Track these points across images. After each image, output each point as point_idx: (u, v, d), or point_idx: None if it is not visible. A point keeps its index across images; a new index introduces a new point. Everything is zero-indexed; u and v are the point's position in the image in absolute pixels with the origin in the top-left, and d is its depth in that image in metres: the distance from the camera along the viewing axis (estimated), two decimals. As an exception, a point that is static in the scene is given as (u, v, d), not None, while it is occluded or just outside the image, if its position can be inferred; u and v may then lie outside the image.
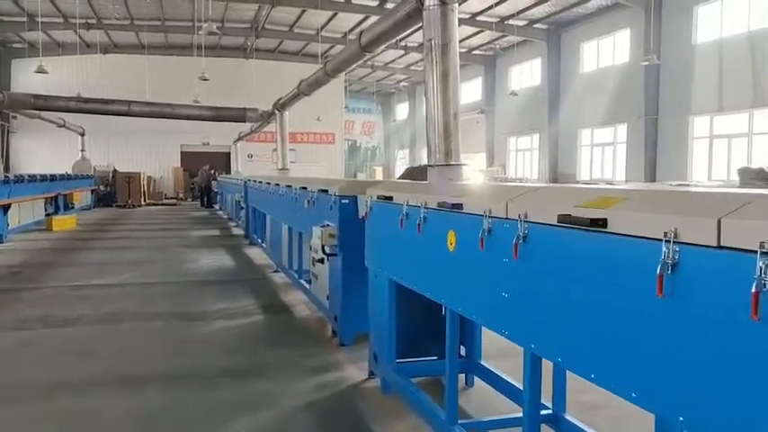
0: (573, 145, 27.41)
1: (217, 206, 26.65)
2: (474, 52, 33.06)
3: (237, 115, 18.39)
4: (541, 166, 29.19)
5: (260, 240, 11.98)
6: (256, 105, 20.79)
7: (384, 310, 4.35)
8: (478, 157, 33.73)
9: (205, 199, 27.96)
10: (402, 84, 43.18)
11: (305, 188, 7.06)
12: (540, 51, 28.67)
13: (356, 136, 46.48)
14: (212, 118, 18.43)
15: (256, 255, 11.72)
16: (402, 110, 46.32)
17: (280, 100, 13.52)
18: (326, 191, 5.95)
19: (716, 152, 20.57)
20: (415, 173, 23.28)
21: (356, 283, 5.51)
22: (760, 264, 1.52)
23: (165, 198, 31.56)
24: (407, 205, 3.80)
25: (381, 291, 4.40)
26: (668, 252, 1.80)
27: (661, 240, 1.83)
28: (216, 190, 27.43)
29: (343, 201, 5.50)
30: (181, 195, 32.50)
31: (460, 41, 31.47)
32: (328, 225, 5.62)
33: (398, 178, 23.30)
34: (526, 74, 30.84)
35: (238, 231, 15.94)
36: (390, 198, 4.10)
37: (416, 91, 43.19)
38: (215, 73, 26.75)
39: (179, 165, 34.22)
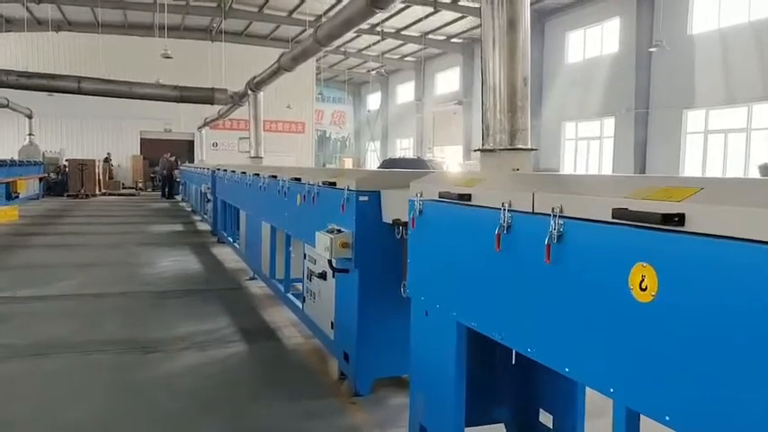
0: (556, 139, 26.32)
1: (179, 197, 24.71)
2: (453, 40, 31.70)
3: (204, 96, 16.54)
4: (522, 159, 27.98)
5: (231, 239, 10.33)
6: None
7: (445, 367, 2.86)
8: (455, 150, 32.44)
9: (166, 189, 25.96)
10: (374, 72, 41.55)
11: (297, 179, 5.50)
12: (522, 40, 27.38)
13: (326, 126, 44.76)
14: (176, 99, 16.55)
15: (227, 256, 10.09)
16: (374, 100, 44.78)
17: (254, 78, 11.88)
18: (334, 183, 4.41)
19: (711, 148, 19.66)
20: (395, 166, 21.89)
21: (378, 312, 4.05)
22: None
23: (123, 188, 29.36)
24: (508, 211, 2.32)
25: (440, 338, 2.91)
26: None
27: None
28: (178, 180, 25.48)
29: (361, 198, 3.99)
30: (140, 185, 30.31)
31: (438, 29, 30.32)
32: (340, 231, 4.09)
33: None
34: (507, 64, 29.50)
35: (204, 227, 14.22)
36: (467, 197, 2.61)
37: (389, 80, 41.73)
38: (178, 56, 24.68)
39: (138, 152, 31.99)
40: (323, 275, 4.79)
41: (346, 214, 4.11)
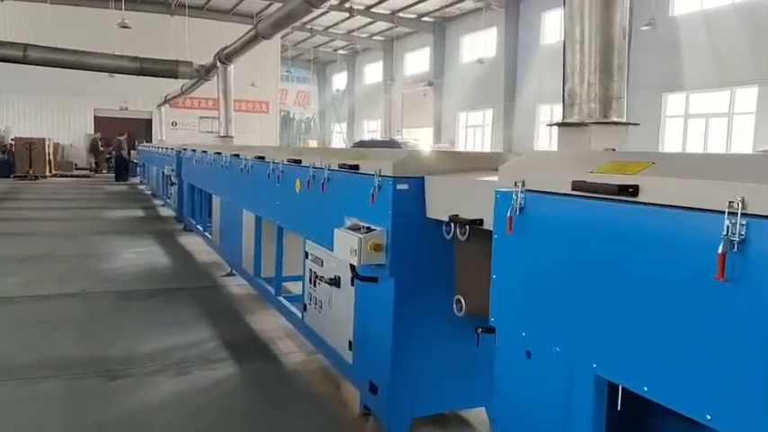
0: (530, 122, 25.73)
1: (137, 179, 23.22)
2: (423, 19, 30.70)
3: (167, 69, 15.16)
4: (494, 143, 27.40)
5: (201, 227, 9.24)
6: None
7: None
8: (425, 133, 31.59)
9: (123, 171, 24.39)
10: (341, 52, 40.27)
11: (296, 161, 4.52)
12: (496, 20, 26.62)
13: (290, 106, 43.30)
14: (135, 71, 15.11)
15: (197, 247, 9.01)
16: (340, 80, 43.48)
17: (225, 49, 10.71)
18: (356, 167, 3.46)
19: (691, 132, 19.30)
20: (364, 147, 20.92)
21: (419, 334, 3.19)
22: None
23: (76, 168, 27.52)
24: (742, 216, 1.43)
25: (555, 392, 2.01)
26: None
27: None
28: (135, 161, 23.95)
29: (399, 186, 3.05)
30: (94, 166, 28.52)
31: (408, 6, 29.25)
32: (370, 229, 3.14)
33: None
34: (479, 44, 28.74)
35: (168, 212, 13.02)
36: (631, 191, 1.70)
37: (356, 60, 40.50)
38: (135, 30, 22.95)
39: (93, 131, 30.09)
40: (335, 282, 3.84)
41: (377, 207, 3.16)
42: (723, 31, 17.44)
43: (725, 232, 1.44)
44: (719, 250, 1.44)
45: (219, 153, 7.53)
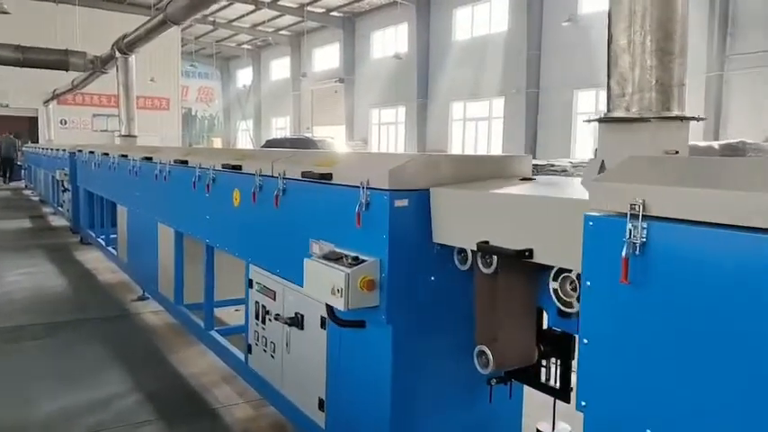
0: (444, 119, 25.58)
1: (23, 183, 20.93)
2: (333, 13, 29.87)
3: (56, 60, 13.40)
4: (408, 140, 27.08)
5: (102, 241, 8.01)
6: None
7: None
8: (336, 131, 30.79)
9: (7, 174, 21.99)
10: (246, 46, 38.65)
11: (235, 167, 3.65)
12: (407, 15, 26.25)
13: (191, 103, 41.12)
14: (16, 62, 13.23)
15: (99, 264, 7.80)
16: (245, 76, 41.78)
17: (125, 37, 9.41)
18: (328, 176, 2.66)
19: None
20: (280, 147, 19.81)
21: (424, 396, 2.44)
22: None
23: (-52, 172, 24.52)
24: None
25: None
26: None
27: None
28: (20, 163, 21.60)
29: (398, 202, 2.30)
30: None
31: (316, 1, 28.31)
32: (357, 260, 2.36)
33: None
34: (391, 40, 28.30)
35: (61, 222, 11.51)
36: None
37: (262, 55, 39.01)
38: (14, 17, 20.62)
39: (-34, 130, 26.99)
40: (296, 322, 3.03)
41: (367, 230, 2.39)
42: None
43: None
44: None
45: (126, 156, 6.43)
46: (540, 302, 2.26)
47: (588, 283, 1.55)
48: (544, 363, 2.38)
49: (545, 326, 2.34)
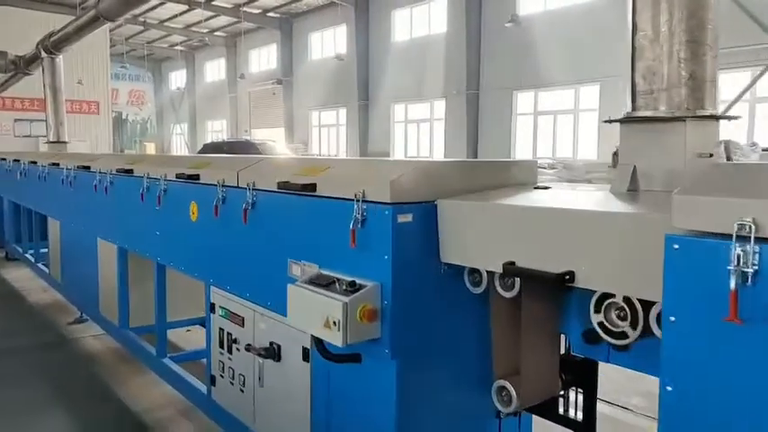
0: (386, 121, 25.40)
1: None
2: (269, 14, 29.21)
3: (-31, 61, 12.40)
4: (350, 143, 26.78)
5: (31, 257, 7.32)
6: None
7: None
8: (276, 133, 30.14)
9: None
10: (179, 47, 37.35)
11: (192, 177, 3.25)
12: (345, 17, 25.94)
13: (122, 107, 39.44)
14: None
15: (29, 282, 7.13)
16: (178, 78, 40.41)
17: (52, 36, 8.66)
18: (311, 186, 2.32)
19: (541, 129, 20.01)
20: (219, 152, 19.06)
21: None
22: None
23: None
24: None
25: None
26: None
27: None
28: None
29: (401, 217, 1.99)
30: None
31: (252, 1, 27.61)
32: (355, 285, 2.03)
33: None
34: (329, 41, 27.92)
35: (-19, 236, 10.58)
36: None
37: (196, 56, 37.82)
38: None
39: None
40: (272, 353, 2.67)
41: (365, 250, 2.07)
42: (567, 31, 18.10)
43: None
44: None
45: (56, 164, 5.85)
46: (562, 327, 2.00)
47: (673, 319, 1.28)
48: (561, 392, 2.13)
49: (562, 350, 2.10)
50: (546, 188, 2.14)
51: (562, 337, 2.04)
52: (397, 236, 1.98)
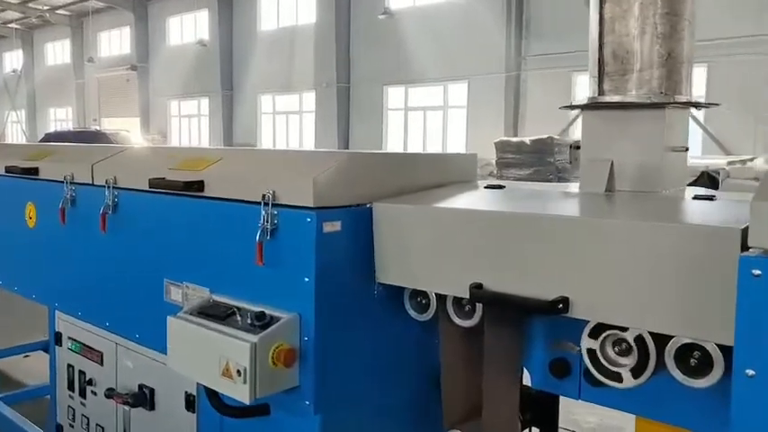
0: (252, 112, 24.42)
1: None
2: (120, -6, 27.00)
3: None
4: (213, 134, 25.48)
5: None
6: None
7: None
8: (130, 123, 27.95)
9: None
10: (14, 25, 33.49)
11: (30, 171, 2.53)
12: (207, 2, 24.56)
13: (-55, 91, 34.88)
14: None
15: None
16: (14, 59, 36.25)
17: None
18: (198, 185, 1.76)
19: (411, 124, 20.16)
20: (62, 141, 17.15)
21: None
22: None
23: None
24: None
25: None
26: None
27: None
28: None
29: (327, 226, 1.51)
30: None
31: (102, -21, 25.31)
32: (264, 317, 1.52)
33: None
34: (190, 27, 26.30)
35: None
36: None
37: (35, 36, 34.15)
38: None
39: None
40: (141, 399, 2.07)
41: (276, 268, 1.56)
42: (437, 28, 18.29)
43: None
44: None
45: None
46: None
47: (751, 373, 0.93)
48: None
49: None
50: (500, 187, 1.76)
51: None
52: (321, 250, 1.50)
